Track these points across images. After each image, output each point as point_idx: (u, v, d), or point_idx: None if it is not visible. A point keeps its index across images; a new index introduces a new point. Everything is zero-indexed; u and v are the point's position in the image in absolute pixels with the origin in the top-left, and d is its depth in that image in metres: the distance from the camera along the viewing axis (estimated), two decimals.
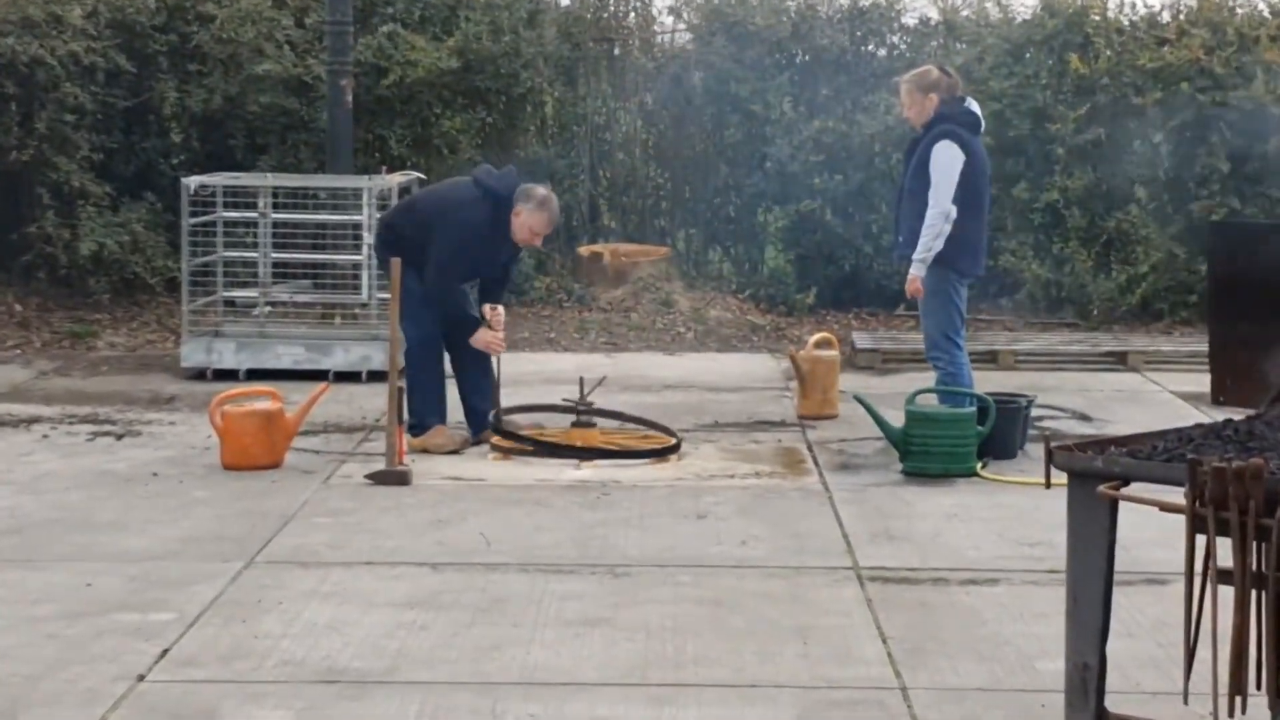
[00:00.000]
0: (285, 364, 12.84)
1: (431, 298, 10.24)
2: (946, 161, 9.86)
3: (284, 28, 15.97)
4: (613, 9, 17.32)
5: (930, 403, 10.17)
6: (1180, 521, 4.99)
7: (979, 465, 9.84)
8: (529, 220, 10.25)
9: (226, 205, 13.39)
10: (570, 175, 16.87)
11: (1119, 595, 5.70)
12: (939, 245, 9.85)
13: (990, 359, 13.81)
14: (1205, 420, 5.73)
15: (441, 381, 10.46)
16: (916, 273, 9.94)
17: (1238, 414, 5.90)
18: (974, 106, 10.18)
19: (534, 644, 6.73)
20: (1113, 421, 11.38)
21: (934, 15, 17.40)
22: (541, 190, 10.39)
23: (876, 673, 6.47)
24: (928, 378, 10.64)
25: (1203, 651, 4.98)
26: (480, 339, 10.34)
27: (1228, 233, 12.53)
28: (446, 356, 10.53)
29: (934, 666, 6.53)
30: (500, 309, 10.57)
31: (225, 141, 16.02)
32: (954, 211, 9.83)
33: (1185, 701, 5.06)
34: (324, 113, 14.97)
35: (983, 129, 10.22)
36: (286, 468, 9.83)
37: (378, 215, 12.87)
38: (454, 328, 10.35)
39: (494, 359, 10.51)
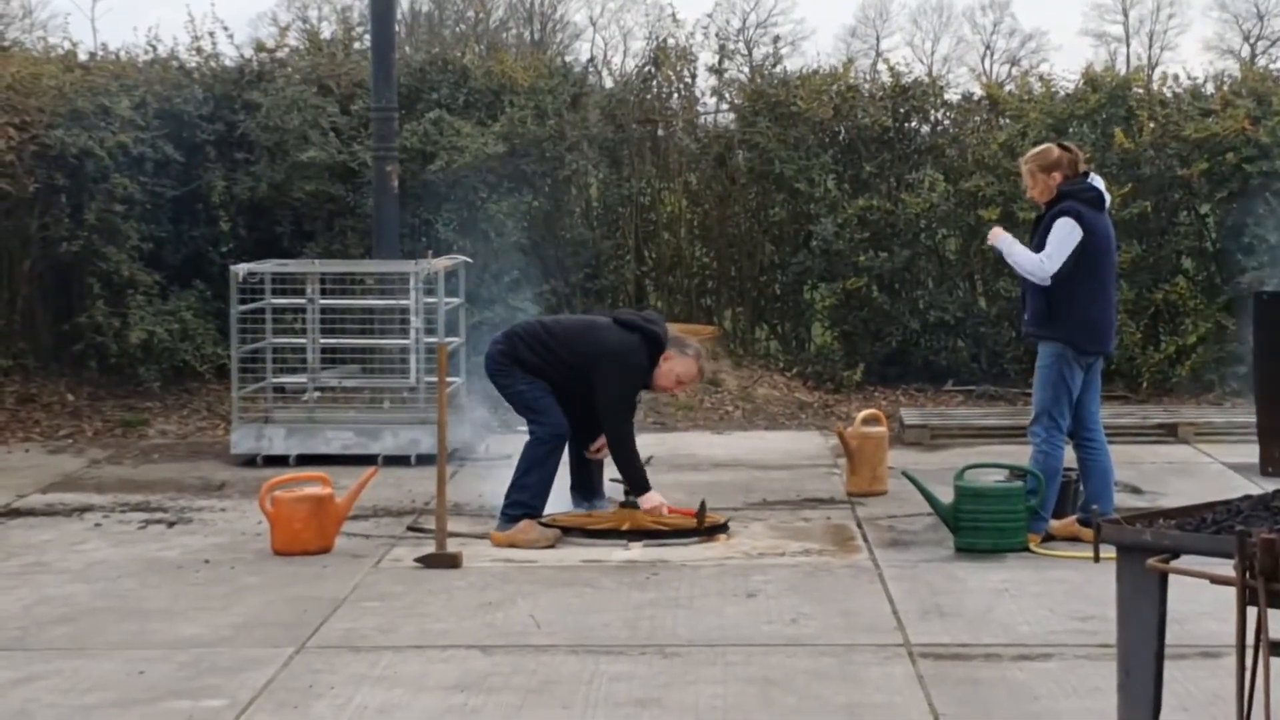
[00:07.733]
0: (335, 449, 12.91)
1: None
2: (1062, 236, 9.75)
3: (329, 115, 16.12)
4: (655, 90, 17.41)
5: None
6: (1232, 593, 4.96)
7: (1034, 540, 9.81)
8: (679, 369, 10.36)
9: (275, 292, 13.48)
10: (616, 256, 16.92)
11: (1172, 669, 5.66)
12: (1019, 263, 9.83)
13: None
14: (1256, 492, 5.69)
15: (553, 479, 10.32)
16: (998, 230, 10.15)
17: None
18: (1097, 182, 10.01)
19: None
20: (1164, 494, 11.33)
21: (977, 90, 17.47)
22: (694, 344, 10.55)
23: None
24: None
25: None
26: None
27: (1275, 304, 12.46)
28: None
29: None
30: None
31: (272, 228, 16.16)
32: (1050, 280, 9.75)
33: None
34: (370, 198, 15.07)
35: (1108, 204, 10.09)
36: (337, 552, 9.85)
37: (425, 300, 13.00)
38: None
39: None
